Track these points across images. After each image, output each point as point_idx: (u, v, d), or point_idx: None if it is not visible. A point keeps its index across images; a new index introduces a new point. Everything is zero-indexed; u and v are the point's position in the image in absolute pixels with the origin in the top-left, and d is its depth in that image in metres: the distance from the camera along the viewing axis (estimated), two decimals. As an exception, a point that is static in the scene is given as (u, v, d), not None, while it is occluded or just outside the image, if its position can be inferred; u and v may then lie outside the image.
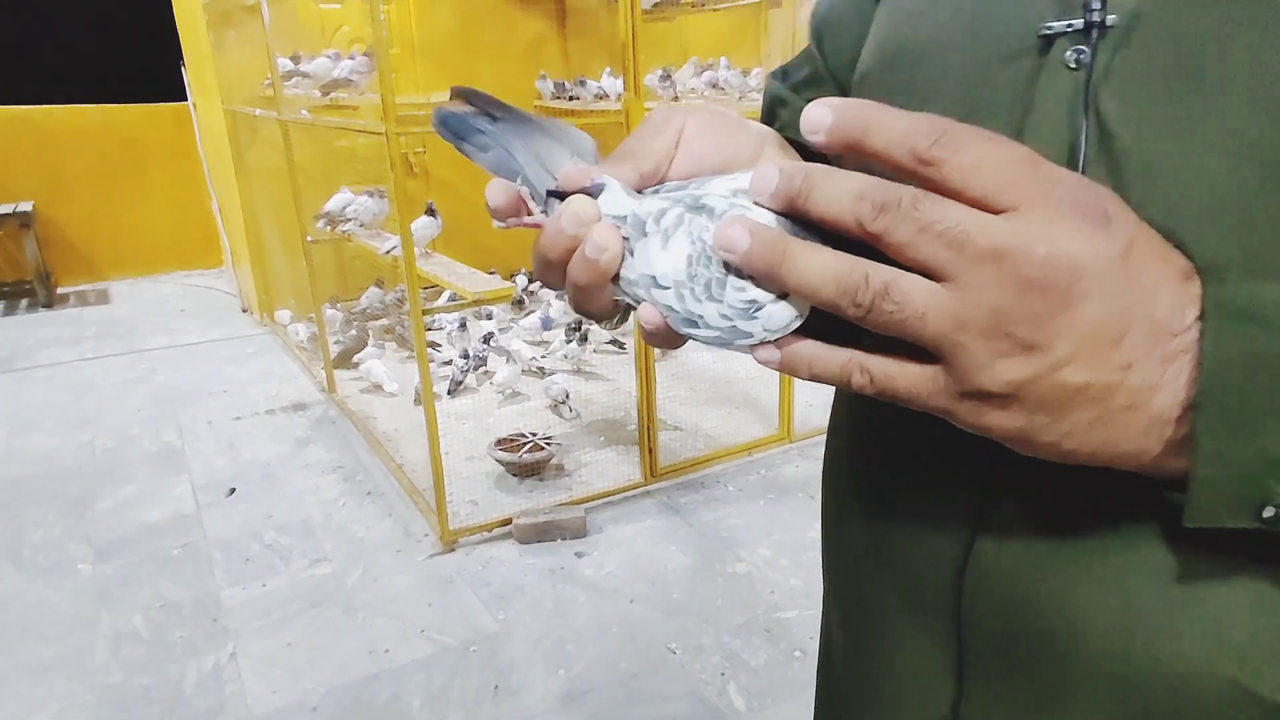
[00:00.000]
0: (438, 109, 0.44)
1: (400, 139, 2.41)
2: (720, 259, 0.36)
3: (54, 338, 4.91)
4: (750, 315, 0.36)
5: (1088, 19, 0.39)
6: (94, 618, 2.34)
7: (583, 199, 0.40)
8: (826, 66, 0.62)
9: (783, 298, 0.36)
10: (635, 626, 2.25)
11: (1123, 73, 0.39)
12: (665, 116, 0.45)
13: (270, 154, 4.27)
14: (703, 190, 0.39)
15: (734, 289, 0.36)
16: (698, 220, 0.38)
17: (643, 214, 0.39)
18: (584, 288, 0.41)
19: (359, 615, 2.32)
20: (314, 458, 3.28)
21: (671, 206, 0.38)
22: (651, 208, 0.39)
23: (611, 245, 0.39)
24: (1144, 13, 0.38)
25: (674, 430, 3.37)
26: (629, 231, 0.39)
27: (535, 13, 5.49)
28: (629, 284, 0.40)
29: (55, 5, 6.81)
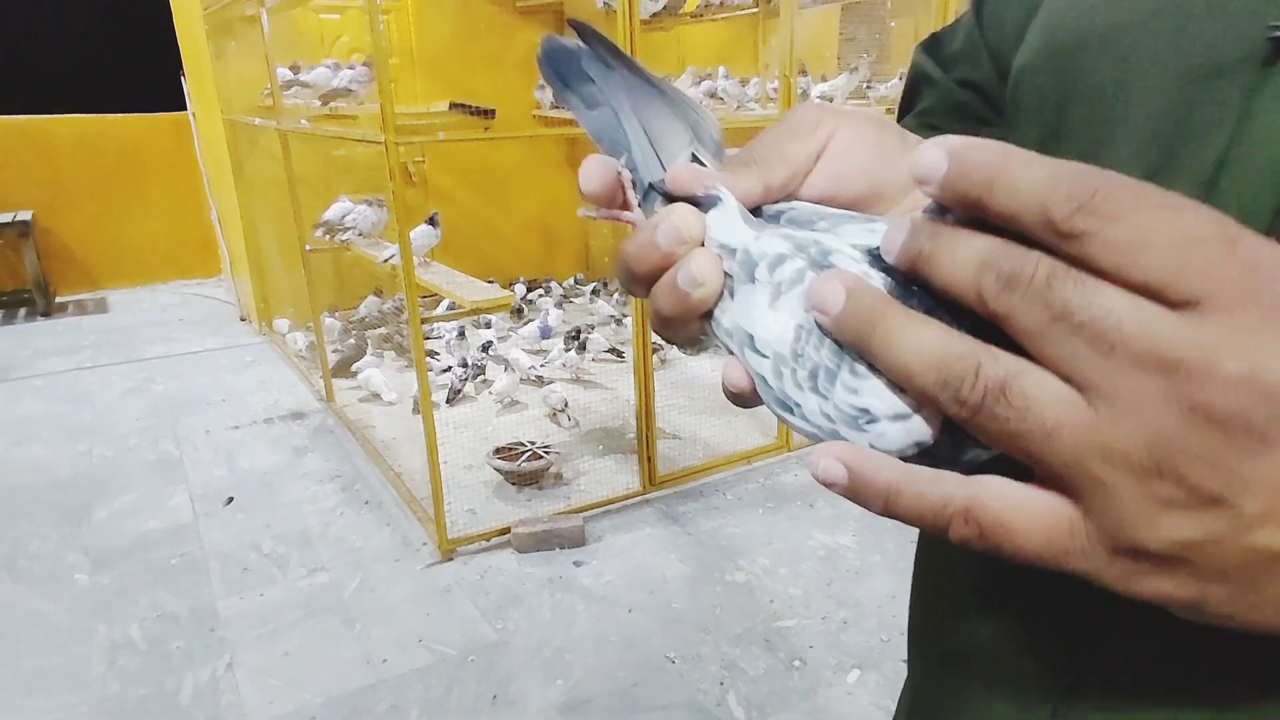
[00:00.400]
0: (546, 36, 0.36)
1: (399, 148, 2.41)
2: (832, 349, 0.29)
3: (52, 347, 4.91)
4: (858, 427, 0.28)
5: None
6: (90, 628, 2.33)
7: (688, 211, 0.33)
8: (984, 40, 0.52)
9: (911, 415, 0.28)
10: (634, 636, 2.24)
11: None
12: (815, 118, 0.36)
13: (269, 163, 4.28)
14: (834, 238, 0.31)
15: (845, 388, 0.28)
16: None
17: (756, 254, 0.31)
18: (667, 318, 0.34)
19: (356, 625, 2.31)
20: (312, 467, 3.27)
21: (793, 255, 0.31)
22: (769, 248, 0.31)
23: (709, 281, 0.32)
24: None
25: (672, 439, 3.36)
26: (734, 268, 0.32)
27: (534, 22, 5.50)
28: (720, 329, 0.33)
29: (55, 16, 6.83)
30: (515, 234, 5.80)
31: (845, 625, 2.25)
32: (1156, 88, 0.36)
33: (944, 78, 0.54)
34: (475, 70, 5.29)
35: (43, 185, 5.93)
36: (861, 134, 0.37)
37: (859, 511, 2.81)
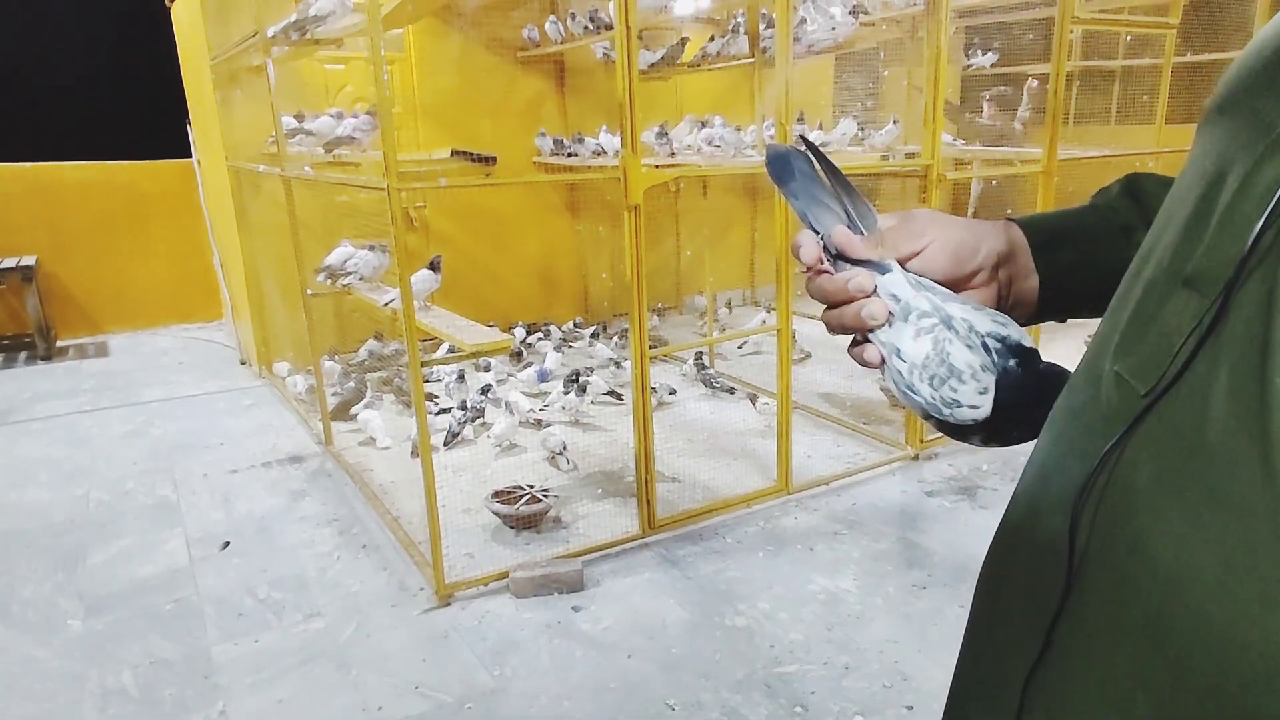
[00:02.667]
0: (772, 145, 0.59)
1: (401, 194, 2.45)
2: (949, 367, 0.53)
3: (51, 390, 4.91)
4: (950, 406, 0.53)
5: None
6: (82, 675, 2.30)
7: (867, 276, 0.55)
8: None
9: (979, 408, 0.53)
10: (633, 682, 2.21)
11: None
12: (923, 227, 0.57)
13: (272, 209, 4.34)
14: (949, 309, 0.55)
15: (949, 388, 0.53)
16: (944, 333, 0.54)
17: (912, 306, 0.55)
18: (849, 327, 0.57)
19: (352, 671, 2.28)
20: (309, 511, 3.25)
21: (932, 313, 0.54)
22: (918, 305, 0.55)
23: (880, 317, 0.55)
24: None
25: (672, 482, 3.35)
26: (897, 309, 0.55)
27: (534, 72, 5.62)
28: (878, 339, 0.56)
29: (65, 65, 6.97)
30: (515, 278, 5.85)
31: (847, 671, 2.23)
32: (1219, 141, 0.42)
33: None
34: (477, 118, 5.38)
35: (48, 230, 5.99)
36: (949, 245, 0.57)
37: (859, 555, 2.79)
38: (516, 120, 5.47)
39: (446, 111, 5.37)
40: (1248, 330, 0.35)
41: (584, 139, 4.88)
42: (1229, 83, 0.42)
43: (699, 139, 4.35)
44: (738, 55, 4.36)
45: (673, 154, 4.48)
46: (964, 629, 0.58)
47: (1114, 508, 0.40)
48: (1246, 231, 0.36)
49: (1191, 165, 0.44)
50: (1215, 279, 0.37)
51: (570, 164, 4.84)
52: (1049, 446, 0.48)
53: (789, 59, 2.82)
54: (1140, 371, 0.40)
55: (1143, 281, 0.44)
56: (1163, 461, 0.38)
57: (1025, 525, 0.48)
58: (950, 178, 3.58)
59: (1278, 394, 0.33)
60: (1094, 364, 0.46)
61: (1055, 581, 0.43)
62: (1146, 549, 0.37)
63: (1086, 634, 0.41)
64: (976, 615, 0.55)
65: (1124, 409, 0.41)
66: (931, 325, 0.54)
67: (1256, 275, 0.35)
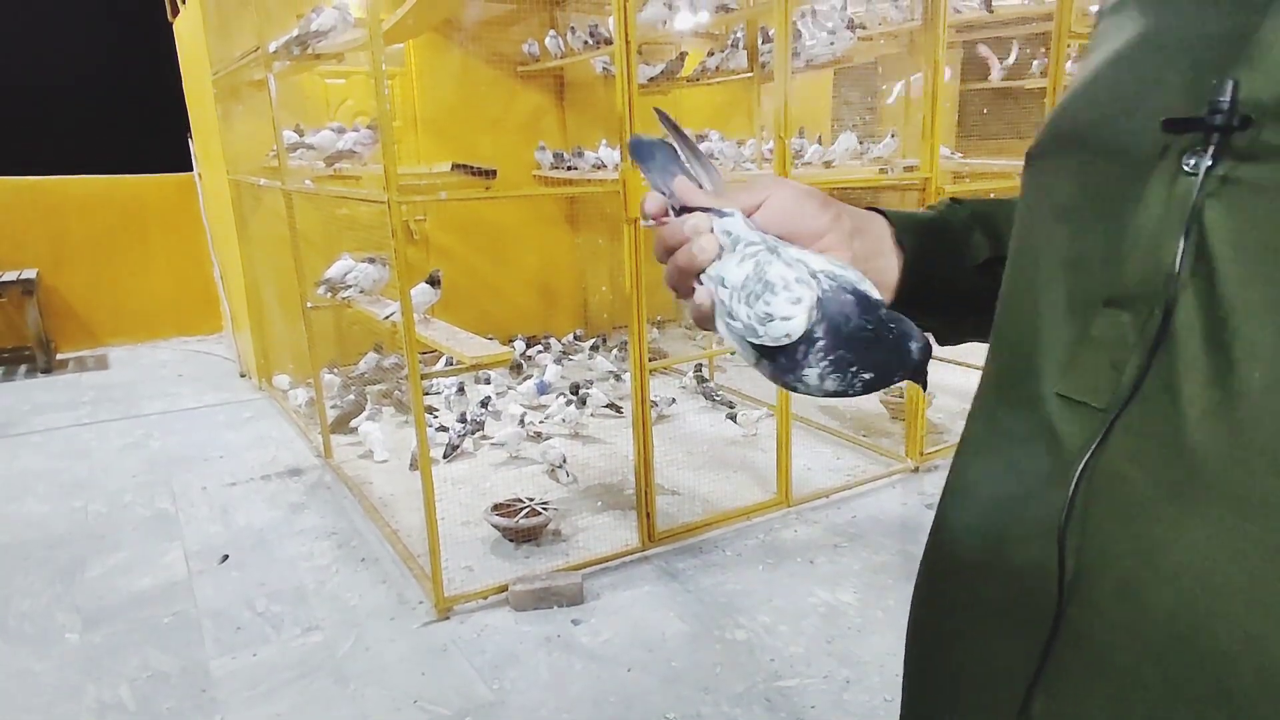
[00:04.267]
0: (636, 136, 0.62)
1: (402, 207, 2.46)
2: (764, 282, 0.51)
3: (51, 403, 4.91)
4: (763, 322, 0.51)
5: (1210, 118, 0.37)
6: (79, 688, 2.29)
7: (703, 217, 0.56)
8: None
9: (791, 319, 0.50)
10: (633, 696, 2.20)
11: (1244, 185, 0.37)
12: (766, 184, 0.58)
13: (273, 222, 4.35)
14: (784, 250, 0.54)
15: (763, 303, 0.51)
16: (767, 256, 0.53)
17: (742, 238, 0.55)
18: (683, 268, 0.56)
19: (350, 685, 2.27)
20: (308, 523, 3.25)
21: (759, 243, 0.55)
22: (747, 237, 0.55)
23: (710, 250, 0.55)
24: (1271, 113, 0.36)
25: (671, 494, 3.35)
26: (726, 242, 0.55)
27: (534, 86, 5.65)
28: (707, 275, 0.56)
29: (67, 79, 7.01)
30: (515, 291, 5.86)
31: (848, 684, 2.22)
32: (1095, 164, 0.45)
33: None
34: (477, 132, 5.41)
35: (48, 243, 6.01)
36: (788, 197, 0.58)
37: (860, 568, 2.79)
38: (516, 134, 5.50)
39: (447, 125, 5.40)
40: (1194, 338, 0.38)
41: (584, 153, 4.90)
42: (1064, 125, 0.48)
43: (698, 153, 4.36)
44: (736, 69, 4.38)
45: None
46: (906, 676, 0.57)
47: (1107, 523, 0.40)
48: (1170, 254, 0.39)
49: (1047, 200, 0.48)
50: (1147, 296, 0.40)
51: (570, 177, 4.86)
52: (998, 476, 0.48)
53: (788, 73, 2.84)
54: (1091, 390, 0.42)
55: (1047, 307, 0.46)
56: (1158, 472, 0.39)
57: (995, 556, 0.47)
58: (949, 190, 3.60)
59: (1241, 387, 0.36)
60: (1016, 390, 0.47)
61: (1045, 605, 0.43)
62: (1163, 557, 0.38)
63: (1093, 649, 0.41)
64: (932, 656, 0.53)
65: (1084, 428, 0.42)
66: (756, 251, 0.53)
67: (1189, 289, 0.38)
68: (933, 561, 0.55)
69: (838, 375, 0.51)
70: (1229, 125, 0.36)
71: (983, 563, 0.48)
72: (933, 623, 0.54)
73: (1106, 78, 0.46)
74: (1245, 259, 0.36)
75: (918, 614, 0.58)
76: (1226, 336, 0.36)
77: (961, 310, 0.64)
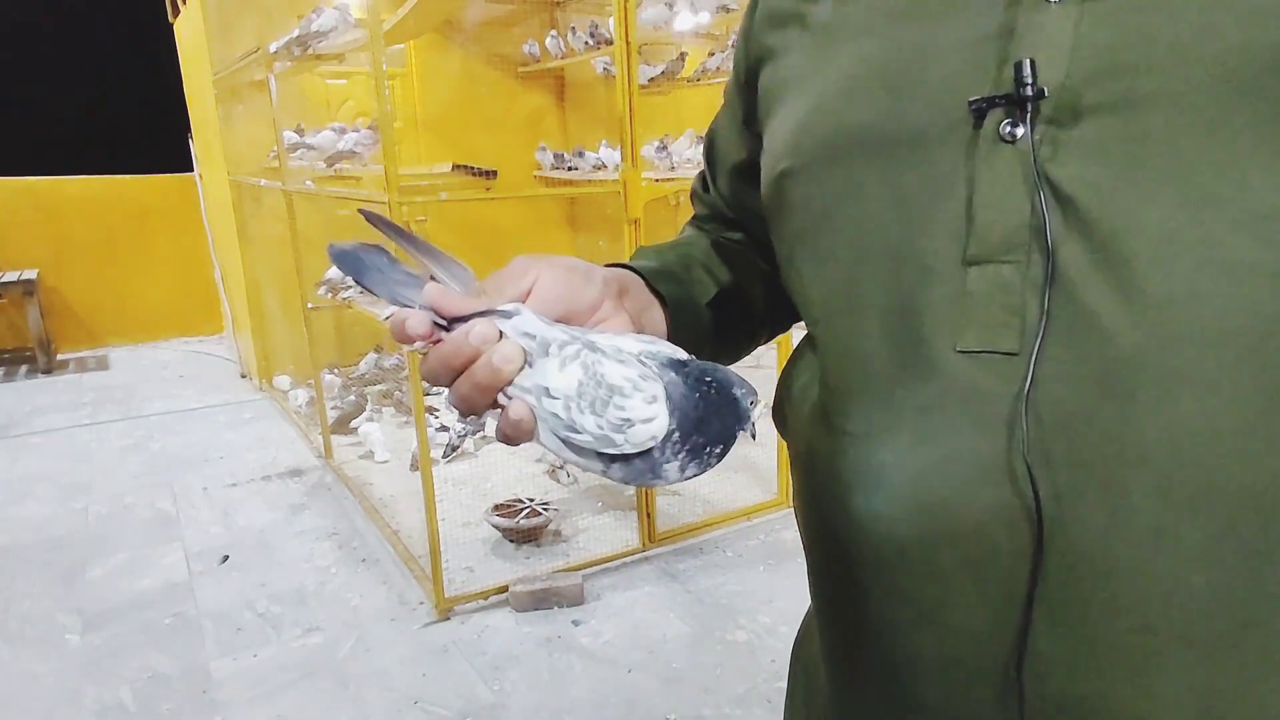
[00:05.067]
0: (332, 245, 0.52)
1: (402, 208, 2.46)
2: (607, 386, 0.47)
3: (52, 404, 4.91)
4: (621, 430, 0.47)
5: (1020, 92, 0.43)
6: (79, 690, 2.28)
7: (487, 323, 0.49)
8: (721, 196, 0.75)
9: (652, 420, 0.47)
10: (633, 697, 2.20)
11: (1070, 142, 0.43)
12: (524, 266, 0.53)
13: (274, 223, 4.35)
14: (590, 337, 0.49)
15: (615, 408, 0.47)
16: (591, 355, 0.48)
17: (550, 339, 0.48)
18: (485, 387, 0.48)
19: (351, 686, 2.27)
20: (309, 524, 3.25)
21: (571, 340, 0.48)
22: (556, 336, 0.49)
23: (516, 359, 0.48)
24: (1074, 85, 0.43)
25: (672, 495, 3.35)
26: (533, 347, 0.48)
27: (535, 87, 5.65)
28: (518, 388, 0.48)
29: (68, 80, 7.01)
30: (515, 291, 5.85)
31: (848, 685, 2.21)
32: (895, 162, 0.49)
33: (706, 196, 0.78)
34: (477, 133, 5.40)
35: (49, 244, 6.01)
36: (557, 276, 0.53)
37: (860, 568, 2.78)
38: (517, 135, 5.49)
39: (447, 126, 5.39)
40: (1084, 267, 0.42)
41: (584, 153, 4.90)
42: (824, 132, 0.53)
43: (699, 153, 4.37)
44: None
45: (673, 168, 4.49)
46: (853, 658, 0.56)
47: (1066, 446, 0.42)
48: (1023, 208, 0.44)
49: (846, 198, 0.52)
50: (1014, 246, 0.44)
51: (571, 178, 4.86)
52: (914, 451, 0.48)
53: (788, 73, 2.83)
54: (995, 338, 0.45)
55: (892, 287, 0.49)
56: (1096, 386, 0.42)
57: (942, 524, 0.47)
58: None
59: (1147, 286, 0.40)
60: (899, 368, 0.49)
61: (1018, 547, 0.44)
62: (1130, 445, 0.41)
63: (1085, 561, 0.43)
64: (882, 648, 0.52)
65: (1003, 374, 0.44)
66: (577, 351, 0.48)
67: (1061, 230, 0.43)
68: (849, 560, 0.53)
69: (696, 461, 0.49)
70: (1038, 96, 0.43)
71: (928, 537, 0.48)
72: (873, 616, 0.52)
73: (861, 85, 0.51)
74: (1103, 194, 0.42)
75: (843, 615, 0.56)
76: (1115, 255, 0.41)
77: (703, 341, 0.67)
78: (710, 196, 0.77)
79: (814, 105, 0.54)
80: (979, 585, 0.46)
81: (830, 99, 0.53)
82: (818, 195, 0.54)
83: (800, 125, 0.55)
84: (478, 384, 0.48)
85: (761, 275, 0.72)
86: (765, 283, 0.72)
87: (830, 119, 0.53)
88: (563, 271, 0.53)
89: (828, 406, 0.54)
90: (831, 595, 0.59)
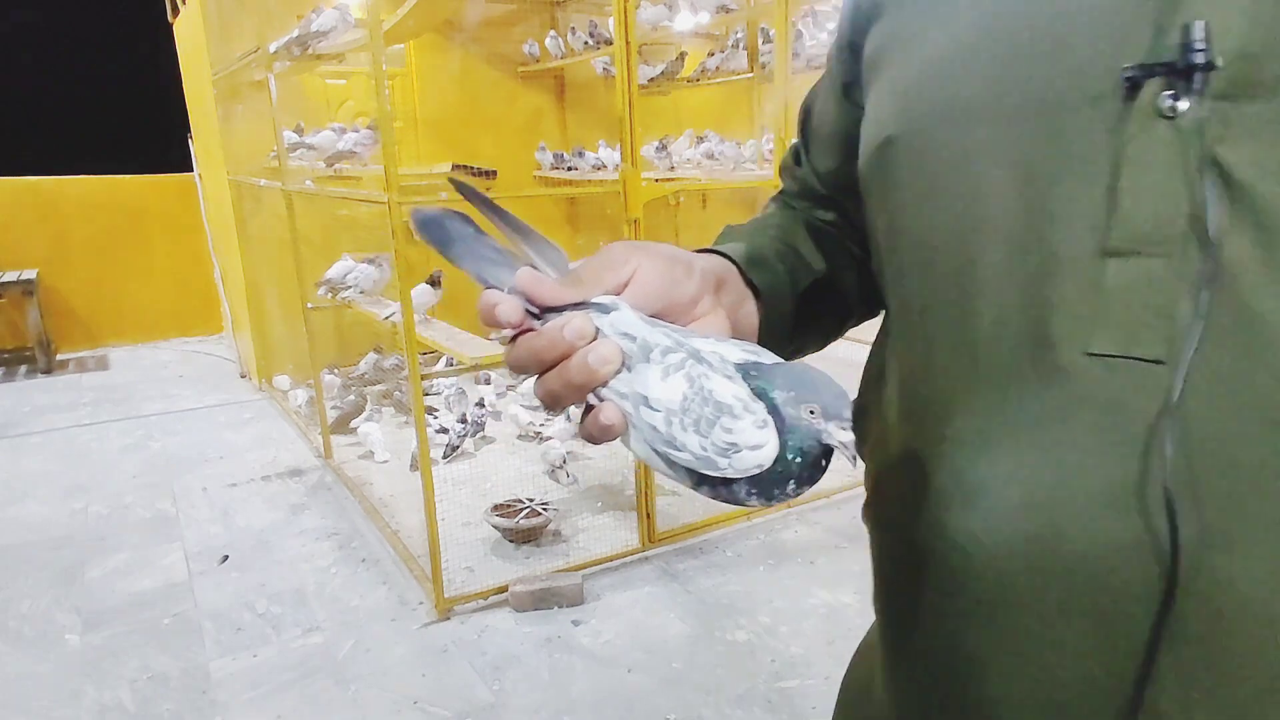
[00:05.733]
0: (416, 211, 0.48)
1: (402, 208, 2.46)
2: (714, 404, 0.43)
3: (51, 404, 4.91)
4: (726, 455, 0.43)
5: (1187, 60, 0.37)
6: (79, 690, 2.28)
7: (584, 318, 0.44)
8: (814, 171, 0.68)
9: (761, 447, 0.43)
10: (633, 697, 2.20)
11: (1245, 121, 0.37)
12: (624, 255, 0.48)
13: (273, 223, 4.35)
14: (692, 343, 0.45)
15: (722, 429, 0.43)
16: (697, 367, 0.44)
17: (652, 343, 0.44)
18: (577, 386, 0.44)
19: (350, 687, 2.27)
20: (309, 524, 3.24)
21: (675, 348, 0.44)
22: (658, 340, 0.44)
23: (614, 361, 0.43)
24: (1255, 53, 0.36)
25: (672, 495, 3.35)
26: (633, 350, 0.44)
27: (535, 87, 5.65)
28: (613, 391, 0.45)
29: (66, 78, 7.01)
30: (515, 291, 5.85)
31: (848, 685, 2.21)
32: (1022, 133, 0.43)
33: (798, 170, 0.71)
34: (477, 133, 5.41)
35: (49, 244, 6.01)
36: (657, 270, 0.48)
37: (860, 568, 2.78)
38: (517, 135, 5.49)
39: (447, 126, 5.39)
40: (1255, 267, 0.36)
41: (584, 153, 4.90)
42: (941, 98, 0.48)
43: (698, 153, 4.37)
44: (737, 70, 4.38)
45: (672, 168, 4.49)
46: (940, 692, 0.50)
47: (1216, 476, 0.37)
48: (1183, 196, 0.38)
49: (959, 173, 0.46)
50: (1167, 239, 0.38)
51: (570, 178, 4.86)
52: (1029, 467, 0.42)
53: (788, 73, 2.84)
54: (1140, 342, 0.39)
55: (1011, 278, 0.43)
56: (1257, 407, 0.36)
57: (1055, 552, 0.41)
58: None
59: None
60: (1016, 370, 0.43)
61: (1147, 591, 0.38)
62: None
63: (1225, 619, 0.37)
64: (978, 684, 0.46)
65: (1146, 382, 0.38)
66: (681, 360, 0.44)
67: (1230, 225, 0.37)
68: (932, 583, 0.48)
69: (797, 489, 0.45)
70: (1208, 66, 0.36)
71: (1035, 567, 0.42)
72: (956, 648, 0.47)
73: (984, 46, 0.45)
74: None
75: (917, 644, 0.51)
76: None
77: (792, 332, 0.62)
78: (802, 171, 0.70)
79: (927, 67, 0.49)
80: (1092, 628, 0.41)
81: (947, 61, 0.47)
82: (926, 168, 0.48)
83: (910, 88, 0.49)
84: (569, 382, 0.44)
85: (855, 262, 0.66)
86: (858, 269, 0.66)
87: (946, 83, 0.47)
88: (663, 263, 0.49)
89: (923, 405, 0.49)
90: (905, 620, 0.53)
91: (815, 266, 0.63)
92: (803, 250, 0.64)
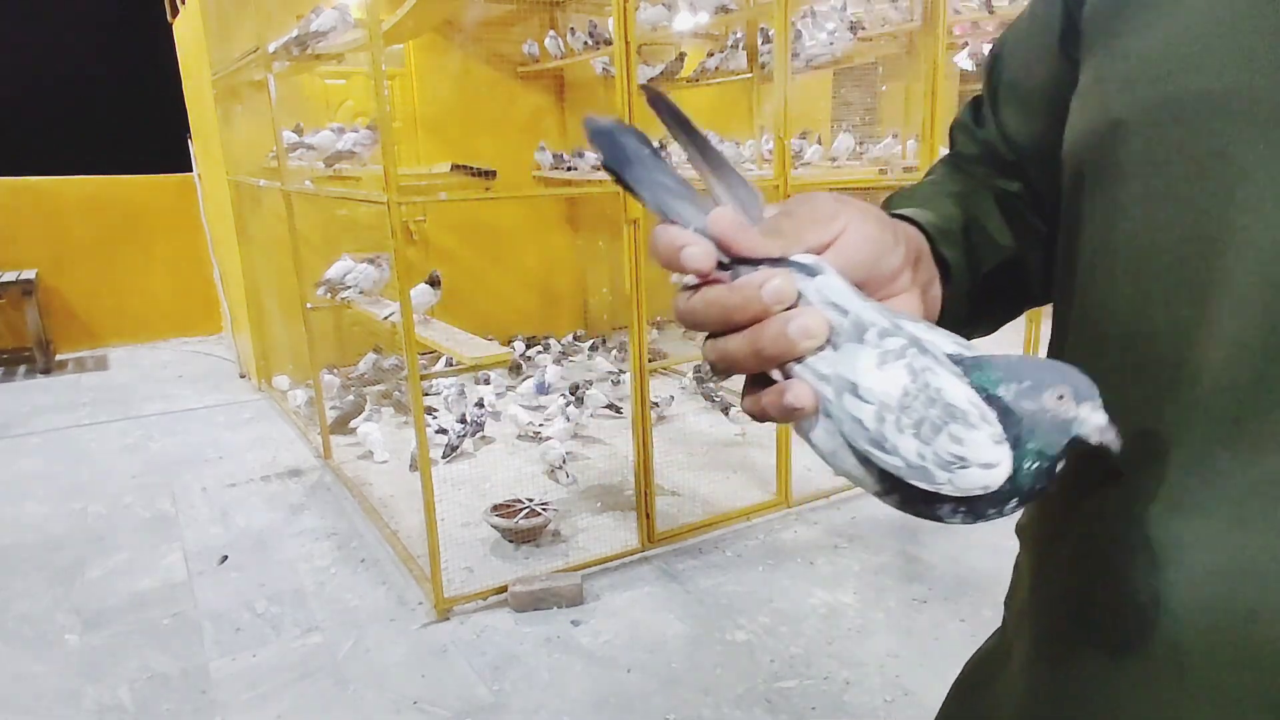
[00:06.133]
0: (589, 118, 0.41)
1: (401, 208, 2.46)
2: (944, 406, 0.36)
3: (50, 404, 4.91)
4: (950, 469, 0.36)
5: None
6: (79, 690, 2.28)
7: (786, 277, 0.37)
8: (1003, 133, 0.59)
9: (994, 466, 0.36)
10: (633, 697, 2.20)
11: None
12: (833, 211, 0.41)
13: (273, 223, 4.35)
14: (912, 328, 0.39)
15: (951, 438, 0.36)
16: (921, 358, 0.37)
17: (867, 321, 0.38)
18: (768, 357, 0.38)
19: (350, 687, 2.27)
20: (308, 524, 3.24)
21: (894, 330, 0.38)
22: (875, 319, 0.38)
23: (819, 335, 0.37)
24: None
25: (671, 495, 3.35)
26: (844, 326, 0.38)
27: (535, 87, 5.65)
28: (809, 369, 0.38)
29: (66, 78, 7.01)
30: (514, 292, 5.86)
31: (848, 686, 2.21)
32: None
33: (979, 131, 0.61)
34: (477, 133, 5.41)
35: (48, 244, 6.01)
36: (867, 234, 0.41)
37: (860, 569, 2.78)
38: (516, 135, 5.49)
39: (446, 126, 5.40)
40: None
41: (584, 153, 4.90)
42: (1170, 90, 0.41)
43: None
44: (736, 70, 4.38)
45: (672, 168, 4.49)
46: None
47: None
48: None
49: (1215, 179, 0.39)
50: None
51: (570, 178, 4.86)
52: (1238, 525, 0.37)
53: (787, 74, 2.84)
54: None
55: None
56: None
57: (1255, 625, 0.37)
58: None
59: None
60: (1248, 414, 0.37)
61: None
62: None
63: None
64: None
65: None
66: (902, 348, 0.37)
67: None
68: (1096, 646, 0.43)
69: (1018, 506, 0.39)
70: None
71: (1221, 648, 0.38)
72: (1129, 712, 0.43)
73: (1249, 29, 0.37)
74: None
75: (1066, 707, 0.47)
76: None
77: (971, 314, 0.55)
78: (985, 131, 0.60)
79: (1173, 43, 0.40)
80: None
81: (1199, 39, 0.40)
82: (1165, 164, 0.40)
83: (1149, 66, 0.41)
84: (760, 351, 0.37)
85: (1041, 240, 0.57)
86: (1044, 248, 0.57)
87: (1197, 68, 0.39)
88: (874, 226, 0.42)
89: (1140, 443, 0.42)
90: (1056, 681, 0.48)
91: (1002, 244, 0.55)
92: (989, 225, 0.55)
